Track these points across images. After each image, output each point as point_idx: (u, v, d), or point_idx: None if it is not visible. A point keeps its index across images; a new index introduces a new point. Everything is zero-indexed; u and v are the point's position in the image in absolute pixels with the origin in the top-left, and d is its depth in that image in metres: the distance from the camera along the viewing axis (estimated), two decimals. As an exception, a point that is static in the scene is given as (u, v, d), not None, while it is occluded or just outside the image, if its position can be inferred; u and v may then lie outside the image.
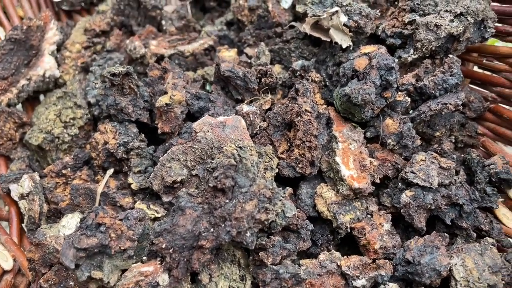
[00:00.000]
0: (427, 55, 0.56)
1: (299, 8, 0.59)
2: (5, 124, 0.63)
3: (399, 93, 0.52)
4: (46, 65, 0.66)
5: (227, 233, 0.41)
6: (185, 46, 0.67)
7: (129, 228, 0.44)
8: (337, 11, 0.55)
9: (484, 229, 0.53)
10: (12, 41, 0.66)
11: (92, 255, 0.42)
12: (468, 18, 0.52)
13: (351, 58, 0.53)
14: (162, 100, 0.52)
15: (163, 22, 0.70)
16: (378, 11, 0.58)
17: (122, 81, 0.53)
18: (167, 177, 0.48)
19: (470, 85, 0.64)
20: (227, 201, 0.42)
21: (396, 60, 0.49)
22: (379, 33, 0.59)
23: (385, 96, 0.49)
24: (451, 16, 0.52)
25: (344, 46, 0.56)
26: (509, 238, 0.53)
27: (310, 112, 0.51)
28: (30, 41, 0.67)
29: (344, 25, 0.56)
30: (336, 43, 0.57)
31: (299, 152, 0.51)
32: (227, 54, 0.64)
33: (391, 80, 0.48)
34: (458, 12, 0.52)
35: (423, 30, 0.52)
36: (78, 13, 0.81)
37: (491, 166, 0.54)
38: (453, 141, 0.61)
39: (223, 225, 0.41)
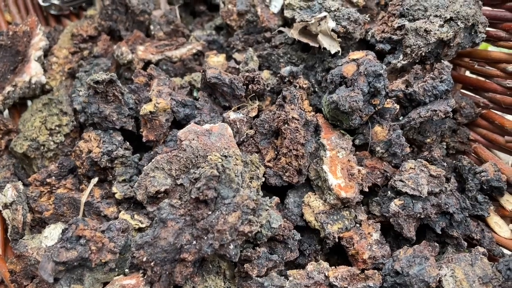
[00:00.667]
0: (417, 61, 0.55)
1: (287, 13, 0.58)
2: (-10, 132, 0.62)
3: (388, 100, 0.51)
4: (32, 71, 0.65)
5: (210, 246, 0.40)
6: (172, 51, 0.66)
7: (111, 240, 0.43)
8: (325, 17, 0.54)
9: (475, 237, 0.52)
10: (-2, 47, 0.65)
11: (72, 268, 0.41)
12: (458, 23, 0.51)
13: (340, 64, 0.52)
14: (146, 108, 0.51)
15: (152, 27, 0.69)
16: (367, 16, 0.57)
17: (106, 89, 0.52)
18: (151, 187, 0.47)
19: (462, 91, 0.63)
20: (210, 212, 0.41)
21: (384, 66, 0.48)
22: (369, 38, 0.58)
23: (374, 103, 0.48)
24: (441, 21, 0.51)
25: (332, 52, 0.55)
26: (500, 247, 0.52)
27: (298, 120, 0.50)
28: (16, 47, 0.66)
29: (333, 30, 0.55)
30: (324, 48, 0.56)
31: (286, 161, 0.50)
32: (216, 60, 0.63)
33: (379, 87, 0.47)
34: (448, 17, 0.51)
35: (412, 36, 0.52)
36: (67, 17, 0.80)
37: (482, 174, 0.54)
38: (445, 147, 0.60)
39: (205, 238, 0.40)
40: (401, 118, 0.55)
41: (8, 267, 0.48)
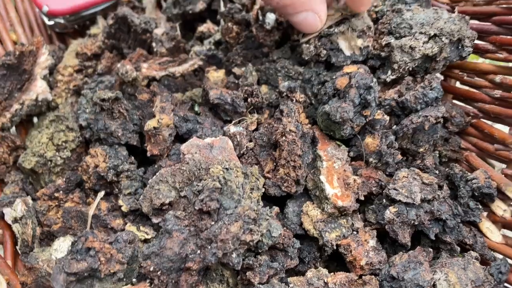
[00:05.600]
0: (406, 75, 0.57)
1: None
2: (-1, 148, 0.64)
3: (378, 111, 0.54)
4: (39, 89, 0.67)
5: (213, 255, 0.42)
6: (175, 67, 0.68)
7: (119, 251, 0.45)
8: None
9: (468, 243, 0.54)
10: (5, 66, 0.67)
11: (83, 279, 0.43)
12: (443, 39, 0.54)
13: (334, 77, 0.55)
14: (150, 124, 0.53)
15: (154, 44, 0.72)
16: None
17: (111, 106, 0.55)
18: (156, 200, 0.49)
19: (453, 101, 0.66)
20: (213, 223, 0.43)
21: (375, 79, 0.51)
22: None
23: (364, 114, 0.51)
24: (425, 38, 0.54)
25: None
26: (492, 252, 0.54)
27: (295, 132, 0.53)
28: (22, 66, 0.69)
29: None
30: (319, 62, 0.59)
31: (284, 172, 0.52)
32: (216, 75, 0.66)
33: (370, 99, 0.50)
34: (432, 34, 0.54)
35: (398, 52, 0.54)
36: (70, 35, 0.83)
37: (473, 181, 0.56)
38: (438, 155, 0.62)
39: (209, 247, 0.42)
40: (394, 126, 0.58)
41: (20, 279, 0.50)
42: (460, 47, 0.57)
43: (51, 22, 0.78)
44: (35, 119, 0.72)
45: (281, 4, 0.55)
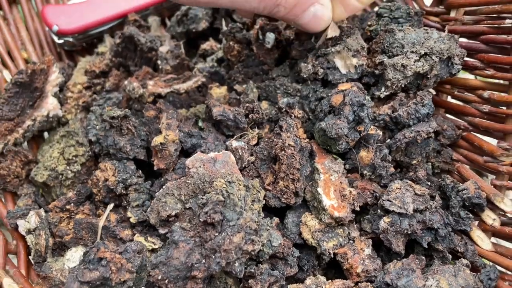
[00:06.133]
0: (399, 92, 0.61)
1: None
2: (12, 163, 0.67)
3: (372, 127, 0.57)
4: (50, 106, 0.71)
5: (217, 264, 0.45)
6: (179, 84, 0.72)
7: (128, 260, 0.48)
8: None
9: (459, 250, 0.57)
10: (18, 84, 0.71)
11: (95, 287, 0.46)
12: (433, 57, 0.57)
13: (330, 94, 0.58)
14: (157, 140, 0.56)
15: (159, 62, 0.75)
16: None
17: (120, 123, 0.58)
18: (163, 212, 0.52)
19: (445, 114, 0.69)
20: (217, 234, 0.46)
21: (368, 97, 0.54)
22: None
23: (359, 129, 0.54)
24: (416, 56, 0.57)
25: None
26: (482, 259, 0.57)
27: (293, 147, 0.56)
28: (34, 84, 0.72)
29: None
30: (316, 79, 0.62)
31: (283, 184, 0.55)
32: (218, 91, 0.69)
33: (363, 115, 0.53)
34: (423, 53, 0.57)
35: (391, 70, 0.58)
36: (79, 53, 0.86)
37: (464, 191, 0.59)
38: (430, 167, 0.65)
39: (213, 257, 0.45)
40: (388, 140, 0.61)
41: (35, 287, 0.52)
42: (450, 65, 0.60)
43: (61, 41, 0.82)
44: (46, 135, 0.75)
45: (288, 7, 0.54)
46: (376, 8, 0.77)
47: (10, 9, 0.85)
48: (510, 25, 0.59)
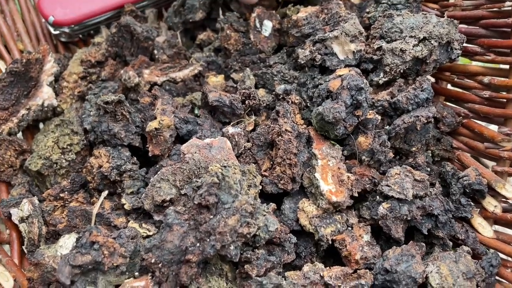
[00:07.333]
0: (397, 77, 0.60)
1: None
2: (6, 152, 0.66)
3: (370, 111, 0.56)
4: (45, 95, 0.70)
5: (212, 247, 0.44)
6: (176, 73, 0.71)
7: (122, 245, 0.47)
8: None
9: (460, 238, 0.55)
10: (13, 73, 0.70)
11: (87, 272, 0.45)
12: (432, 42, 0.56)
13: (327, 80, 0.57)
14: (152, 125, 0.55)
15: (155, 51, 0.75)
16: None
17: (114, 108, 0.57)
18: (157, 197, 0.51)
19: (444, 102, 0.68)
20: (212, 216, 0.45)
21: (366, 81, 0.53)
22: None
23: (357, 114, 0.53)
24: (415, 41, 0.56)
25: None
26: (484, 246, 0.56)
27: (290, 132, 0.55)
28: (29, 73, 0.71)
29: None
30: (314, 66, 0.61)
31: (280, 170, 0.54)
32: (215, 80, 0.69)
33: (361, 99, 0.52)
34: (422, 37, 0.56)
35: (389, 55, 0.57)
36: (75, 44, 0.86)
37: (464, 178, 0.58)
38: (430, 155, 0.64)
39: (208, 240, 0.44)
40: (387, 126, 0.60)
41: (26, 275, 0.51)
42: (449, 50, 0.59)
43: (57, 32, 0.81)
44: (41, 125, 0.74)
45: None
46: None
47: (6, 1, 0.84)
48: (510, 8, 0.58)
